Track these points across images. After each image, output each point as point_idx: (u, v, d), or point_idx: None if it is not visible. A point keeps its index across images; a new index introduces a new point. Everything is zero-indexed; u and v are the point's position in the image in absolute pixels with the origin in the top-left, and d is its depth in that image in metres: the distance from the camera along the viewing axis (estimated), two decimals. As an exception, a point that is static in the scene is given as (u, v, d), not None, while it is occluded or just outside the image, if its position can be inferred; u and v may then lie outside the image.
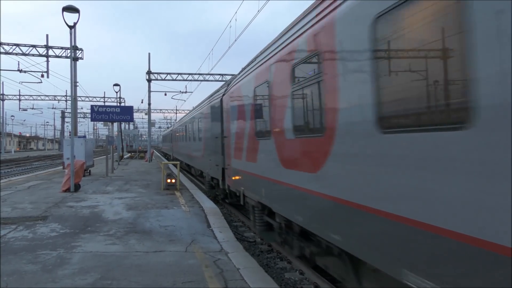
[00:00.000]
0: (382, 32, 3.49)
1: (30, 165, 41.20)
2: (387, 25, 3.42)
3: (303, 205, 5.44)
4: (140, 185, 16.60)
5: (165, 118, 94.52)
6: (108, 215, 9.85)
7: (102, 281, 5.27)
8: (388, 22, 3.40)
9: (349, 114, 4.09)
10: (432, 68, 3.00)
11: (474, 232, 2.58)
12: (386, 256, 3.51)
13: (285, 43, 6.11)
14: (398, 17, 3.29)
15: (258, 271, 5.93)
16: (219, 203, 13.91)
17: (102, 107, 23.00)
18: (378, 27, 3.53)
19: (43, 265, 5.92)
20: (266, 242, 8.93)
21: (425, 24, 3.01)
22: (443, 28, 2.86)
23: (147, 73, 36.75)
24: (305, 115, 5.34)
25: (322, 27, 4.70)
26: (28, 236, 7.74)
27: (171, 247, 6.97)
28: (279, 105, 6.31)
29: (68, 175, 14.54)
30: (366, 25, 3.70)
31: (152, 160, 37.66)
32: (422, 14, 3.02)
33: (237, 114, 9.52)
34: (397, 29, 3.32)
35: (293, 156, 5.75)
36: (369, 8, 3.67)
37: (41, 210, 10.52)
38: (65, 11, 15.28)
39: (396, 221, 3.31)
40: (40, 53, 30.53)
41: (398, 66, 3.39)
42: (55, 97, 57.81)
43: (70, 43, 16.42)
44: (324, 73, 4.62)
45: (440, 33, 2.88)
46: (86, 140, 22.51)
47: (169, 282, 5.25)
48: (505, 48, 2.35)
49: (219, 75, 38.20)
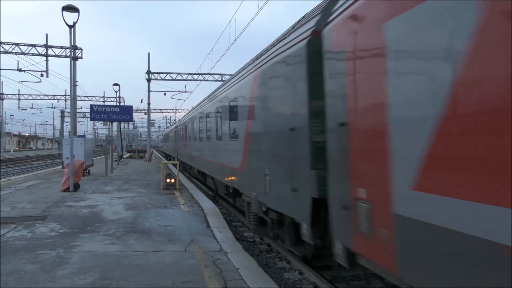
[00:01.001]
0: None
1: (29, 164, 41.16)
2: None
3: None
4: (140, 185, 16.59)
5: (165, 118, 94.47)
6: (107, 215, 9.84)
7: (101, 281, 5.27)
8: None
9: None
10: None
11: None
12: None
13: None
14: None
15: (257, 271, 5.93)
16: (218, 202, 13.90)
17: (101, 107, 22.96)
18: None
19: (42, 265, 5.91)
20: (265, 242, 8.93)
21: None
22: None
23: (146, 72, 36.72)
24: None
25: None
26: (27, 235, 7.73)
27: (171, 247, 6.97)
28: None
29: (67, 174, 14.52)
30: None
31: (151, 160, 37.64)
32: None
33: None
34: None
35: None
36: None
37: (40, 210, 10.50)
38: (64, 10, 15.27)
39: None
40: (39, 53, 30.49)
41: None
42: (55, 97, 57.73)
43: (69, 42, 16.40)
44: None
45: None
46: (85, 139, 22.49)
47: (168, 282, 5.24)
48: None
49: (219, 75, 38.20)
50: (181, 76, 38.55)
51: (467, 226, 2.53)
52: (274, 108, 6.73)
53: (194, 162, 19.52)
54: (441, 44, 2.78)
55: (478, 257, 2.47)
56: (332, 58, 4.63)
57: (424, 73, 2.97)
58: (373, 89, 3.65)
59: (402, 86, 3.20)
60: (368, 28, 3.75)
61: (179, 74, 38.50)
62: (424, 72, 2.97)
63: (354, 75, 4.03)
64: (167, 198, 12.77)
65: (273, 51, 6.95)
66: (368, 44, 3.77)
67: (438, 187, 2.78)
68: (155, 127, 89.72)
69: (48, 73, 32.02)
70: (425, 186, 2.91)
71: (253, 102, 7.94)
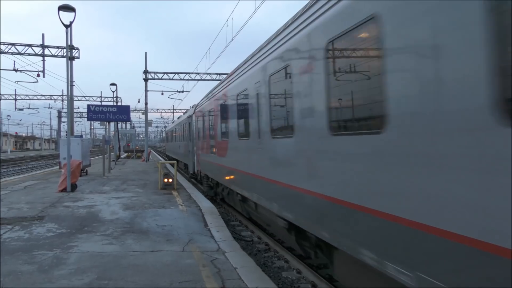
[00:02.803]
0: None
1: (26, 165, 41.06)
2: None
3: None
4: (137, 185, 16.56)
5: (162, 118, 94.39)
6: (105, 215, 9.82)
7: (99, 281, 5.25)
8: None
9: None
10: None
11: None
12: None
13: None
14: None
15: (255, 270, 5.93)
16: (216, 202, 13.89)
17: (98, 107, 22.95)
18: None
19: (40, 266, 5.89)
20: (263, 241, 8.93)
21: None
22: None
23: (144, 72, 36.70)
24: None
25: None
26: (24, 236, 7.70)
27: (168, 246, 6.96)
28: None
29: (64, 175, 14.48)
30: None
31: (149, 160, 37.59)
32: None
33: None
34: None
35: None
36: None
37: (37, 210, 10.47)
38: (61, 10, 15.20)
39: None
40: (36, 53, 30.42)
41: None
42: (52, 97, 57.61)
43: (66, 42, 16.33)
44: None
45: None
46: (82, 139, 22.42)
47: (166, 282, 5.23)
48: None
49: (216, 74, 38.19)
50: (178, 76, 38.54)
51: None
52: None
53: (241, 181, 9.45)
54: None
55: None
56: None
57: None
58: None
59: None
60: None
61: (176, 73, 38.48)
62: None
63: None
64: (165, 198, 12.76)
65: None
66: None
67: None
68: (152, 126, 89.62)
69: (45, 73, 31.97)
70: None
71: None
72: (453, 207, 2.82)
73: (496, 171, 2.50)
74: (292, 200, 5.97)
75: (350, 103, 4.32)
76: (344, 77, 4.43)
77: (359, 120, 4.15)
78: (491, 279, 2.56)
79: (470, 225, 2.69)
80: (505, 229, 2.43)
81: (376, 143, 3.71)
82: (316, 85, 4.96)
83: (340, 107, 4.54)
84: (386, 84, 3.52)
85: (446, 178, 2.88)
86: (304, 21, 5.42)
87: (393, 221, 3.43)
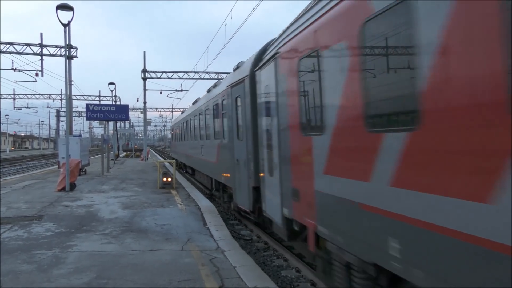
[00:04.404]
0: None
1: (25, 164, 40.99)
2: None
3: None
4: (136, 184, 16.55)
5: (161, 117, 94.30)
6: (103, 214, 9.81)
7: (98, 280, 5.25)
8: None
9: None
10: None
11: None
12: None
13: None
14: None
15: (254, 269, 5.93)
16: (215, 201, 13.89)
17: (97, 106, 22.95)
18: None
19: (39, 265, 5.89)
20: (262, 240, 8.94)
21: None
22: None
23: (142, 71, 36.65)
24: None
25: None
26: (23, 235, 7.69)
27: (167, 245, 6.96)
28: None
29: (63, 174, 14.47)
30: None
31: (148, 159, 37.57)
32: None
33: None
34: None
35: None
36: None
37: (36, 210, 10.46)
38: (59, 9, 15.17)
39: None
40: (34, 52, 30.29)
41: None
42: (50, 96, 57.38)
43: (64, 41, 16.31)
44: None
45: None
46: (81, 139, 22.40)
47: (165, 281, 5.24)
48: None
49: (215, 73, 38.14)
50: (177, 75, 38.46)
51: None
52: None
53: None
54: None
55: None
56: None
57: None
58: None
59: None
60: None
61: (175, 72, 38.41)
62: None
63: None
64: (164, 197, 12.75)
65: None
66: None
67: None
68: (151, 126, 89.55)
69: (43, 72, 31.83)
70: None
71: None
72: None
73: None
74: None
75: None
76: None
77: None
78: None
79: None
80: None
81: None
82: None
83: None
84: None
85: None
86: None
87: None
